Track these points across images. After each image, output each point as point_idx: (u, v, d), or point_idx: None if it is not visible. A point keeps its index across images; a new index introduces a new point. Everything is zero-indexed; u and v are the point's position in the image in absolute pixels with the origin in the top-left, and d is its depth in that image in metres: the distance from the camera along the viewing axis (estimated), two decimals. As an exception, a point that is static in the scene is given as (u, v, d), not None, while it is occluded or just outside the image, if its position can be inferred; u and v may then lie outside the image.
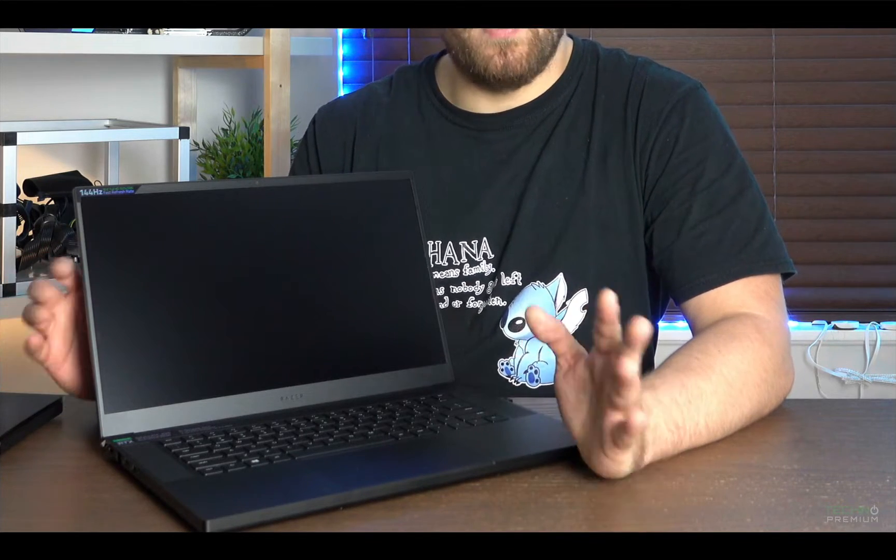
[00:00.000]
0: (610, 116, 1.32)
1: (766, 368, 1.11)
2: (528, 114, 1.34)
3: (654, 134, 1.29)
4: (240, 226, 1.13)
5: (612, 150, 1.30)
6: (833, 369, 2.44)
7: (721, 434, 1.05)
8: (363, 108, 1.42)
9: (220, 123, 2.45)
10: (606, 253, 1.29)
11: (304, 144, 1.43)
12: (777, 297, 1.23)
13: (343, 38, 2.50)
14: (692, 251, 1.24)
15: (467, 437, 1.03)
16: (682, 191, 1.26)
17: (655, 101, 1.30)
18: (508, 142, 1.34)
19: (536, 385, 1.30)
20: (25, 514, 0.92)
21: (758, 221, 1.25)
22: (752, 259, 1.22)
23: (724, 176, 1.27)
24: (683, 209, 1.26)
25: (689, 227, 1.25)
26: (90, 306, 1.03)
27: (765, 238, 1.24)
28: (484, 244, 1.32)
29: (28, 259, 1.99)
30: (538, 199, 1.31)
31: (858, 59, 2.45)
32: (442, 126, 1.37)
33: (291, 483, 0.92)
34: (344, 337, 1.14)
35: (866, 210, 2.45)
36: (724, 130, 1.31)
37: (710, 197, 1.25)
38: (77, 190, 1.05)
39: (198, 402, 1.05)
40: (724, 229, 1.24)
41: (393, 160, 1.37)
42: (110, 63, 2.31)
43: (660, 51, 2.45)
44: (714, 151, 1.28)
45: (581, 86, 1.35)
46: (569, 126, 1.33)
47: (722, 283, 1.22)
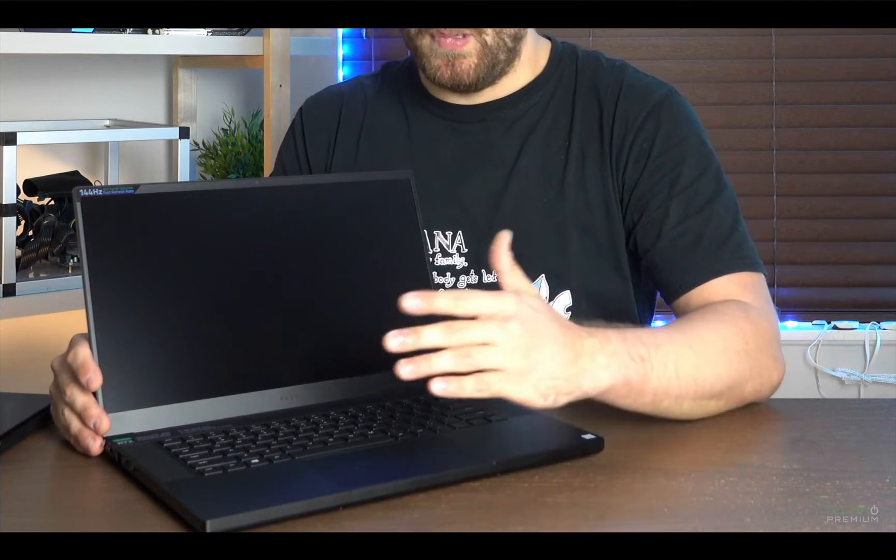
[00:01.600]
0: (588, 120, 1.33)
1: (747, 341, 1.12)
2: (505, 109, 1.35)
3: (630, 139, 1.30)
4: (240, 226, 1.13)
5: (590, 153, 1.31)
6: (833, 369, 2.44)
7: (695, 389, 1.06)
8: (348, 98, 1.43)
9: (220, 123, 2.45)
10: (586, 255, 1.30)
11: (292, 132, 1.45)
12: (762, 291, 1.24)
13: (343, 38, 2.50)
14: (673, 251, 1.25)
15: (467, 437, 1.03)
16: (660, 194, 1.27)
17: (631, 105, 1.31)
18: (484, 134, 1.35)
19: None
20: (25, 514, 0.92)
21: (732, 223, 1.26)
22: (730, 257, 1.24)
23: (700, 178, 1.28)
24: (661, 212, 1.27)
25: (668, 229, 1.26)
26: (90, 306, 1.03)
27: (739, 239, 1.26)
28: (459, 237, 1.33)
29: (28, 259, 1.99)
30: (517, 199, 1.32)
31: (858, 59, 2.45)
32: (421, 116, 1.38)
33: (291, 483, 0.92)
34: (344, 337, 1.14)
35: (866, 210, 2.45)
36: (700, 133, 1.32)
37: (686, 198, 1.27)
38: (77, 190, 1.05)
39: (198, 402, 1.05)
40: (702, 229, 1.25)
41: (372, 149, 1.39)
42: (110, 63, 2.31)
43: (660, 51, 2.45)
44: (690, 154, 1.29)
45: (560, 88, 1.35)
46: (548, 127, 1.34)
47: (706, 280, 1.23)
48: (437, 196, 1.34)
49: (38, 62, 2.22)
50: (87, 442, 1.00)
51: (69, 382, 1.02)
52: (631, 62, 1.39)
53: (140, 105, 2.38)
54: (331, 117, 1.42)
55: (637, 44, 2.43)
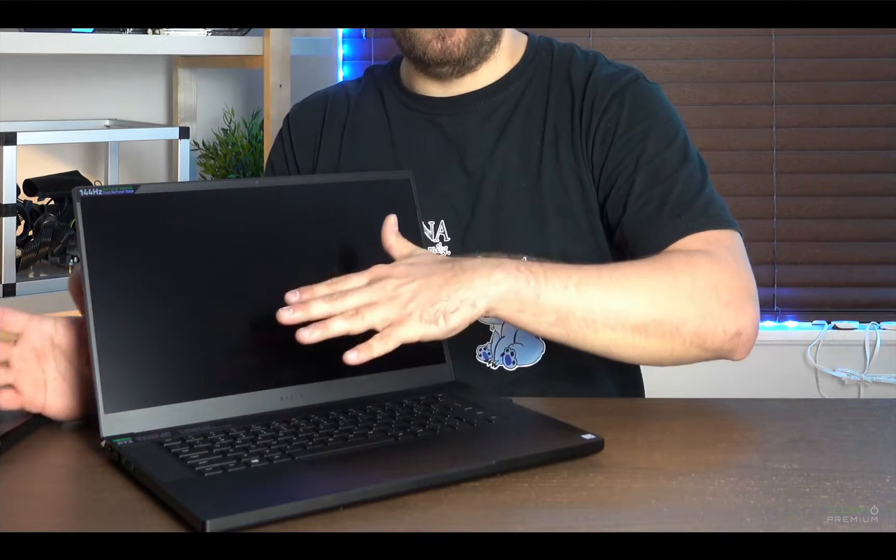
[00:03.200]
0: (561, 108, 1.34)
1: (678, 278, 1.13)
2: (480, 100, 1.36)
3: (597, 121, 1.31)
4: (240, 226, 1.13)
5: (563, 137, 1.33)
6: (833, 369, 2.44)
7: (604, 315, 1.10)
8: (332, 101, 1.45)
9: (220, 123, 2.45)
10: (566, 236, 1.32)
11: (280, 138, 1.47)
12: (730, 246, 1.22)
13: (343, 38, 2.50)
14: (638, 221, 1.26)
15: (467, 437, 1.03)
16: (626, 169, 1.28)
17: (599, 91, 1.33)
18: (460, 125, 1.36)
19: (514, 367, 1.31)
20: (25, 514, 0.92)
21: (699, 187, 1.26)
22: (693, 218, 1.23)
23: (666, 150, 1.28)
24: (627, 185, 1.28)
25: (633, 200, 1.27)
26: (90, 306, 1.03)
27: (706, 201, 1.25)
28: (441, 226, 1.34)
29: (28, 259, 1.99)
30: (496, 186, 1.33)
31: (858, 59, 2.45)
32: (400, 112, 1.40)
33: (291, 483, 0.92)
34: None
35: (866, 210, 2.45)
36: (667, 110, 1.33)
37: (651, 170, 1.27)
38: (77, 190, 1.05)
39: (198, 402, 1.05)
40: (666, 195, 1.25)
41: (355, 147, 1.40)
42: (110, 63, 2.31)
43: (660, 51, 2.45)
44: (655, 128, 1.30)
45: (535, 78, 1.37)
46: (524, 116, 1.35)
47: (670, 243, 1.22)
48: (419, 188, 1.35)
49: (38, 62, 2.22)
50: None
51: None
52: (631, 62, 1.41)
53: (140, 105, 2.38)
54: (315, 119, 1.44)
55: (637, 44, 2.44)
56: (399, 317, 1.03)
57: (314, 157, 1.42)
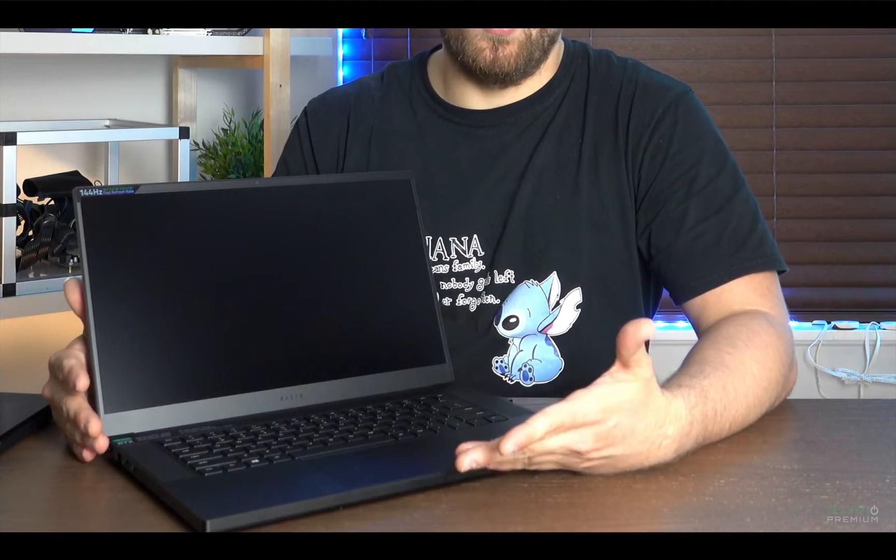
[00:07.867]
0: (601, 118, 1.32)
1: (783, 364, 1.13)
2: (520, 112, 1.34)
3: (647, 136, 1.29)
4: (240, 226, 1.13)
5: (604, 150, 1.31)
6: (833, 369, 2.44)
7: (739, 427, 1.06)
8: (356, 101, 1.41)
9: (220, 123, 2.45)
10: (599, 252, 1.30)
11: (297, 133, 1.43)
12: (778, 294, 1.25)
13: (343, 38, 2.50)
14: (692, 251, 1.25)
15: (467, 437, 1.02)
16: (679, 193, 1.27)
17: (647, 103, 1.31)
18: (498, 139, 1.34)
19: (530, 383, 1.30)
20: (25, 514, 0.92)
21: (752, 220, 1.27)
22: (750, 257, 1.24)
23: (719, 177, 1.28)
24: (680, 211, 1.26)
25: (687, 229, 1.26)
26: (90, 306, 1.03)
27: (760, 236, 1.26)
28: (475, 241, 1.32)
29: (28, 259, 1.99)
30: (530, 198, 1.31)
31: (858, 59, 2.45)
32: (432, 121, 1.37)
33: (291, 483, 0.92)
34: (344, 337, 1.14)
35: (866, 210, 2.45)
36: (715, 132, 1.32)
37: (706, 198, 1.26)
38: (77, 190, 1.05)
39: (198, 402, 1.05)
40: (721, 229, 1.25)
41: (384, 154, 1.37)
42: (110, 63, 2.31)
43: (660, 51, 2.45)
44: (707, 153, 1.29)
45: (573, 87, 1.35)
46: (561, 126, 1.33)
47: (724, 282, 1.23)
48: (452, 202, 1.33)
49: (38, 62, 2.22)
50: (80, 450, 0.99)
51: (60, 391, 1.01)
52: (631, 62, 1.39)
53: (140, 105, 2.38)
54: (339, 122, 1.40)
55: (637, 44, 2.43)
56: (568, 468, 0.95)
57: (338, 164, 1.39)
